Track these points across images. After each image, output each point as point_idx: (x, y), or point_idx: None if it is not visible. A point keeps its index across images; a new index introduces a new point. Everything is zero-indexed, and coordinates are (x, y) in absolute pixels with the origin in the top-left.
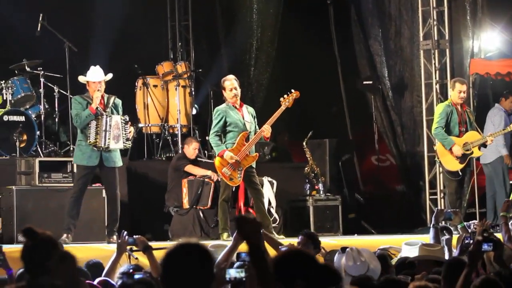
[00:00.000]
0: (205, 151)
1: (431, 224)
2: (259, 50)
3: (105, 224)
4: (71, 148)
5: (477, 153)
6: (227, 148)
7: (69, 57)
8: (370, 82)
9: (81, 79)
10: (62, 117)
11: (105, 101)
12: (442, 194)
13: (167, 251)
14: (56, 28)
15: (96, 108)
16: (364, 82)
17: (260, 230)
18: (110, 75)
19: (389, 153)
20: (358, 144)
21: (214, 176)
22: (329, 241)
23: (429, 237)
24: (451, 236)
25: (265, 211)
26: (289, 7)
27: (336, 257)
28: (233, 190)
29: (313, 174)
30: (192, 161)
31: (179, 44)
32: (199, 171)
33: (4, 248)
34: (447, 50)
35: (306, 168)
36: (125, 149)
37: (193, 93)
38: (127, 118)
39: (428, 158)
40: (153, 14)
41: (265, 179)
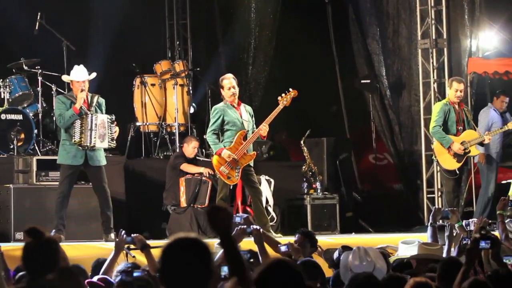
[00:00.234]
0: (203, 150)
1: (429, 223)
2: (257, 49)
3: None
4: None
5: (475, 152)
6: (225, 147)
7: (67, 56)
8: (368, 81)
9: (65, 78)
10: None
11: (89, 100)
12: (440, 193)
13: (165, 246)
14: (54, 27)
15: (80, 108)
16: (362, 81)
17: (231, 220)
18: (94, 74)
19: (387, 152)
20: (356, 143)
21: (206, 172)
22: (327, 240)
23: (427, 236)
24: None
25: (263, 210)
26: (287, 6)
27: (343, 255)
28: (231, 189)
29: (311, 173)
30: (190, 160)
31: (177, 43)
32: (193, 169)
33: (2, 247)
34: (445, 49)
35: (304, 167)
36: (123, 148)
37: (191, 92)
38: (114, 118)
39: (426, 157)
40: (151, 13)
41: (263, 178)
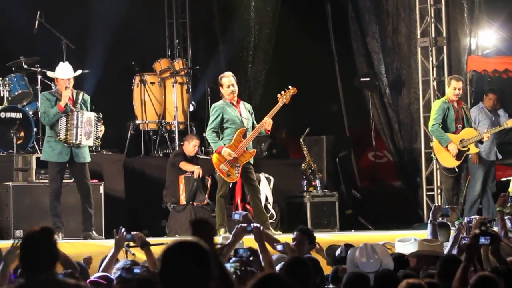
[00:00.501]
0: (202, 148)
1: (429, 220)
2: (257, 48)
3: (81, 220)
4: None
5: (474, 150)
6: (225, 145)
7: (67, 55)
8: (368, 79)
9: (50, 74)
10: None
11: (74, 97)
12: (439, 191)
13: (165, 248)
14: (54, 26)
15: (66, 105)
16: (362, 79)
17: (214, 234)
18: (79, 71)
19: (386, 150)
20: (355, 141)
21: (197, 172)
22: (326, 237)
23: (427, 233)
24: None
25: (262, 207)
26: (287, 5)
27: (350, 252)
28: (230, 187)
29: (310, 171)
30: (190, 158)
31: (177, 41)
32: (190, 168)
33: (1, 244)
34: (445, 48)
35: (303, 165)
36: (123, 146)
37: (190, 90)
38: (101, 116)
39: (425, 155)
40: (151, 12)
41: (262, 176)
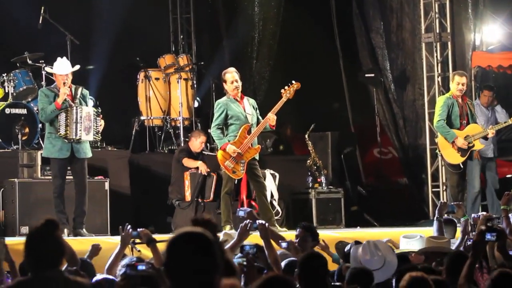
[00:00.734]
0: (207, 144)
1: (435, 217)
2: (261, 43)
3: (73, 216)
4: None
5: (478, 146)
6: (229, 141)
7: (71, 50)
8: (372, 75)
9: (48, 70)
10: None
11: (73, 93)
12: (445, 187)
13: (170, 239)
14: (58, 21)
15: (65, 100)
16: (366, 75)
17: (216, 231)
18: (77, 67)
19: (391, 146)
20: (360, 137)
21: (202, 169)
22: (332, 234)
23: (433, 230)
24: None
25: (268, 204)
26: (291, 0)
27: (352, 249)
28: (236, 183)
29: (315, 167)
30: (196, 154)
31: (181, 37)
32: (193, 164)
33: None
34: (449, 43)
35: (309, 161)
36: (128, 142)
37: (195, 86)
38: (100, 111)
39: (430, 151)
40: (155, 7)
41: (268, 172)
